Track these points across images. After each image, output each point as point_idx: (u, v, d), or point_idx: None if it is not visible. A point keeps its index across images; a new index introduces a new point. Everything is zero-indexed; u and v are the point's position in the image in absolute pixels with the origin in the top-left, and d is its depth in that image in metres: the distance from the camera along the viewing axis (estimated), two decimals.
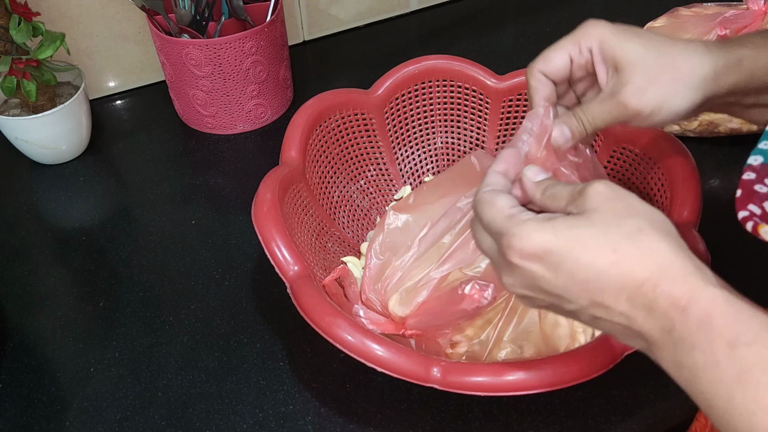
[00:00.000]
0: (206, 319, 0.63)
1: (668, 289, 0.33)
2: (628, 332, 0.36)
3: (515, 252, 0.36)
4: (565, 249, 0.35)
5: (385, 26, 1.00)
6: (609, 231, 0.35)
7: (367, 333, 0.48)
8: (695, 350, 0.32)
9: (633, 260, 0.34)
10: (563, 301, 0.37)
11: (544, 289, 0.37)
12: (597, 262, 0.34)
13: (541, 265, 0.36)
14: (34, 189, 0.78)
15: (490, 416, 0.54)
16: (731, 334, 0.31)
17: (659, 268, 0.34)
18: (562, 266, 0.35)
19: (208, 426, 0.55)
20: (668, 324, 0.33)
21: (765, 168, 0.38)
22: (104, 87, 0.88)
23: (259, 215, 0.54)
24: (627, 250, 0.34)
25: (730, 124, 0.74)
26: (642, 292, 0.34)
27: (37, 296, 0.66)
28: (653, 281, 0.33)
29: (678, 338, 0.33)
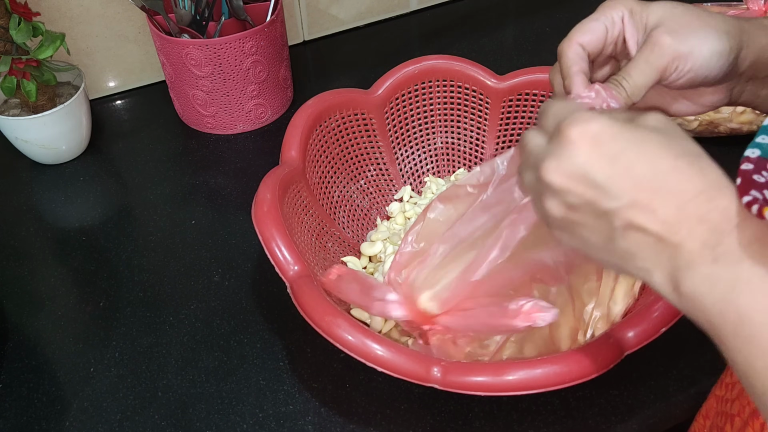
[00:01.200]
0: (206, 319, 0.63)
1: (724, 205, 0.33)
2: (659, 248, 0.34)
3: (576, 129, 0.35)
4: (630, 141, 0.34)
5: (385, 26, 1.00)
6: (673, 143, 0.34)
7: (367, 333, 0.48)
8: (742, 263, 0.32)
9: (693, 171, 0.33)
10: (603, 196, 0.34)
11: (589, 178, 0.35)
12: (658, 163, 0.34)
13: (599, 149, 0.34)
14: (34, 189, 0.78)
15: (490, 416, 0.55)
16: None
17: (718, 186, 0.33)
18: (621, 155, 0.34)
19: (208, 426, 0.55)
20: (715, 238, 0.32)
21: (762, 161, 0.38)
22: (104, 87, 0.88)
23: (259, 215, 0.54)
24: (689, 162, 0.34)
25: (730, 124, 0.74)
26: (697, 201, 0.33)
27: (37, 296, 0.66)
28: (710, 194, 0.33)
29: (723, 252, 0.32)
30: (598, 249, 0.37)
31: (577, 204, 0.36)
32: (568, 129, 0.35)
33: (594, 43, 0.44)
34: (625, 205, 0.34)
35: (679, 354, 0.57)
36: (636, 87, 0.43)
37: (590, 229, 0.36)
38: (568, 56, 0.44)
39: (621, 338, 0.48)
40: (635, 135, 0.34)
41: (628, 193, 0.34)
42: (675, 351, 0.56)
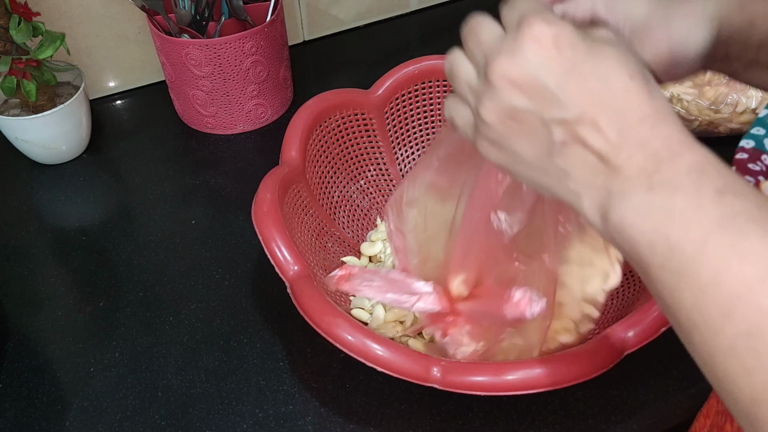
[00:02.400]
0: (206, 319, 0.63)
1: (667, 132, 0.32)
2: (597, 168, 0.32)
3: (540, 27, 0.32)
4: (589, 53, 0.32)
5: (385, 26, 1.00)
6: (628, 61, 0.33)
7: (367, 333, 0.48)
8: (678, 192, 0.30)
9: (643, 94, 0.32)
10: (554, 104, 0.32)
11: (541, 82, 0.32)
12: (611, 79, 0.32)
13: (557, 54, 0.32)
14: (34, 189, 0.78)
15: (490, 416, 0.55)
16: (721, 182, 0.30)
17: (663, 113, 0.32)
18: (576, 66, 0.32)
19: (208, 426, 0.55)
20: (653, 165, 0.31)
21: (756, 152, 0.38)
22: (104, 87, 0.88)
23: (259, 215, 0.54)
24: (640, 84, 0.32)
25: (730, 124, 0.74)
26: (641, 126, 0.32)
27: (37, 296, 0.66)
28: (654, 120, 0.32)
29: (660, 181, 0.31)
30: (529, 165, 0.35)
31: (521, 109, 0.33)
32: (533, 25, 0.33)
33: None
34: (571, 117, 0.32)
35: (679, 354, 0.56)
36: None
37: (526, 141, 0.34)
38: None
39: (621, 338, 0.49)
40: (594, 47, 0.33)
41: (577, 106, 0.32)
42: (675, 351, 0.56)
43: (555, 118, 0.33)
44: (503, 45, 0.34)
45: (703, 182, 0.30)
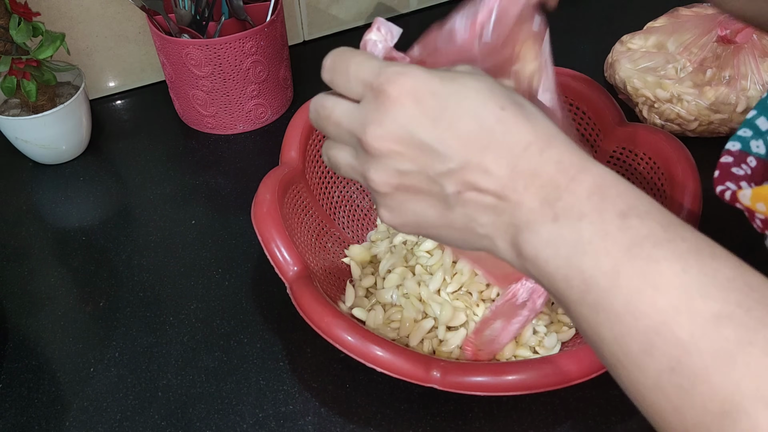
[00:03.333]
0: (206, 319, 0.63)
1: (557, 156, 0.30)
2: (499, 209, 0.31)
3: (395, 87, 0.31)
4: (451, 93, 0.31)
5: None
6: (494, 91, 0.31)
7: (367, 333, 0.48)
8: (583, 221, 0.29)
9: (520, 121, 0.30)
10: (436, 158, 0.31)
11: (418, 139, 0.31)
12: (482, 116, 0.31)
13: (421, 107, 0.31)
14: (34, 189, 0.78)
15: (490, 416, 0.55)
16: (624, 204, 0.29)
17: (547, 136, 0.31)
18: (444, 113, 0.31)
19: (208, 426, 0.55)
20: (553, 193, 0.30)
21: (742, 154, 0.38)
22: (104, 87, 0.88)
23: (258, 215, 0.54)
24: (514, 111, 0.31)
25: (731, 124, 0.74)
26: (528, 154, 0.30)
27: (37, 296, 0.66)
28: (541, 145, 0.30)
29: (563, 209, 0.29)
30: (434, 224, 0.33)
31: (407, 171, 0.32)
32: (387, 87, 0.31)
33: None
34: (456, 166, 0.31)
35: None
36: None
37: (423, 201, 0.33)
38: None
39: None
40: (454, 87, 0.31)
41: (457, 153, 0.31)
42: None
43: (441, 171, 0.31)
44: (366, 116, 0.32)
45: (605, 207, 0.29)
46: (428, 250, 0.62)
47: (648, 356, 0.27)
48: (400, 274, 0.61)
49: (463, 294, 0.59)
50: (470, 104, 0.31)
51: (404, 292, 0.59)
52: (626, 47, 0.82)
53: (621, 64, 0.80)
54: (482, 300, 0.59)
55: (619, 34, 0.84)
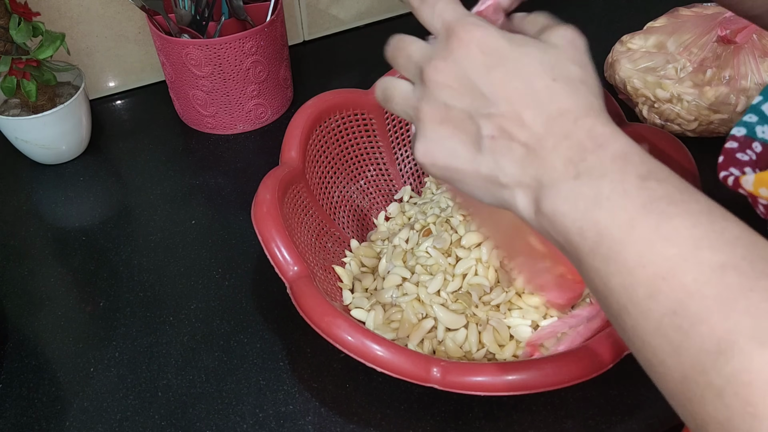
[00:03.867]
0: (206, 319, 0.63)
1: (590, 125, 0.33)
2: (526, 161, 0.34)
3: (467, 33, 0.35)
4: (514, 54, 0.35)
5: (385, 26, 1.00)
6: (557, 64, 0.35)
7: (366, 333, 0.48)
8: (604, 179, 0.32)
9: (565, 93, 0.34)
10: (481, 101, 0.35)
11: (473, 83, 0.35)
12: (535, 80, 0.34)
13: (483, 57, 0.35)
14: (34, 189, 0.78)
15: (490, 416, 0.55)
16: (645, 169, 0.31)
17: (586, 108, 0.34)
18: (502, 66, 0.35)
19: (208, 426, 0.55)
20: (578, 155, 0.33)
21: (747, 140, 0.39)
22: (104, 87, 0.88)
23: (258, 215, 0.54)
24: (563, 84, 0.34)
25: (731, 123, 0.74)
26: (562, 119, 0.34)
27: (37, 296, 0.66)
28: (576, 114, 0.34)
29: (586, 168, 0.32)
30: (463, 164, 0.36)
31: (456, 106, 0.36)
32: (461, 31, 0.35)
33: None
34: (497, 112, 0.34)
35: None
36: None
37: (461, 138, 0.36)
38: None
39: (621, 338, 0.48)
40: (519, 51, 0.35)
41: (502, 102, 0.34)
42: None
43: (482, 113, 0.35)
44: (435, 51, 0.37)
45: (627, 169, 0.31)
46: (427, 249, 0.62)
47: (653, 300, 0.29)
48: (400, 274, 0.61)
49: (463, 294, 0.59)
50: (527, 69, 0.34)
51: (404, 293, 0.59)
52: (626, 47, 0.82)
53: (621, 64, 0.80)
54: (482, 302, 0.59)
55: (619, 34, 0.84)
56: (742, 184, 0.35)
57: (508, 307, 0.58)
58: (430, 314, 0.58)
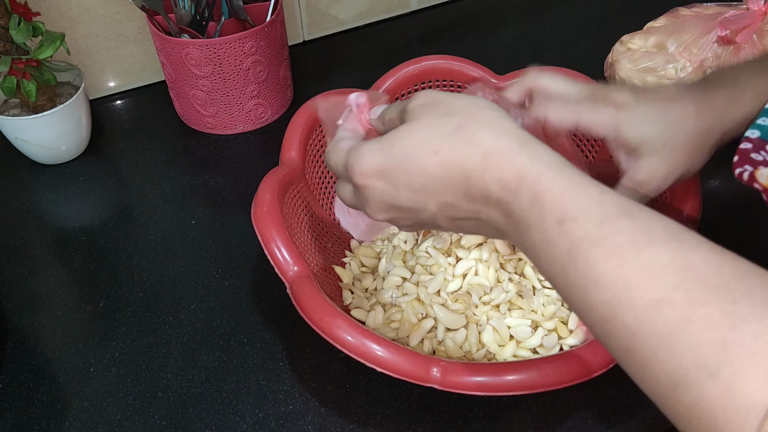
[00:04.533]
0: (206, 319, 0.63)
1: (497, 174, 0.34)
2: (484, 225, 0.36)
3: (357, 175, 0.38)
4: (395, 162, 0.36)
5: (385, 26, 1.00)
6: (430, 135, 0.36)
7: (366, 333, 0.48)
8: (532, 229, 0.33)
9: (456, 155, 0.35)
10: (417, 213, 0.38)
11: (396, 205, 0.38)
12: (425, 167, 0.35)
13: (382, 182, 0.37)
14: (34, 189, 0.78)
15: (490, 416, 0.55)
16: (560, 209, 0.32)
17: (483, 155, 0.34)
18: (398, 180, 0.36)
19: (208, 426, 0.55)
20: (506, 208, 0.34)
21: (762, 142, 0.39)
22: (104, 87, 0.88)
23: (258, 215, 0.54)
24: (449, 147, 0.35)
25: None
26: (473, 182, 0.34)
27: (37, 296, 0.66)
28: (480, 169, 0.34)
29: (516, 220, 0.34)
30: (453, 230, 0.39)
31: (409, 224, 0.39)
32: (355, 178, 0.38)
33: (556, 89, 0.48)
34: (436, 211, 0.37)
35: None
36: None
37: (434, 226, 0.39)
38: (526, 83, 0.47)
39: None
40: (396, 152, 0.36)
41: (428, 202, 0.36)
42: None
43: (428, 217, 0.38)
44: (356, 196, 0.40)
45: (545, 215, 0.32)
46: (427, 249, 0.62)
47: (609, 338, 0.31)
48: (400, 274, 0.61)
49: (463, 294, 0.59)
50: (412, 163, 0.36)
51: (404, 293, 0.59)
52: (626, 47, 0.82)
53: (621, 64, 0.80)
54: (482, 302, 0.59)
55: (619, 34, 0.84)
56: (757, 178, 0.35)
57: (508, 307, 0.58)
58: (430, 314, 0.58)
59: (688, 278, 0.28)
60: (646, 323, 0.28)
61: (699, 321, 0.27)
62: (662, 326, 0.28)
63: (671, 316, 0.28)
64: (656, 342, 0.28)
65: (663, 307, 0.28)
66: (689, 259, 0.29)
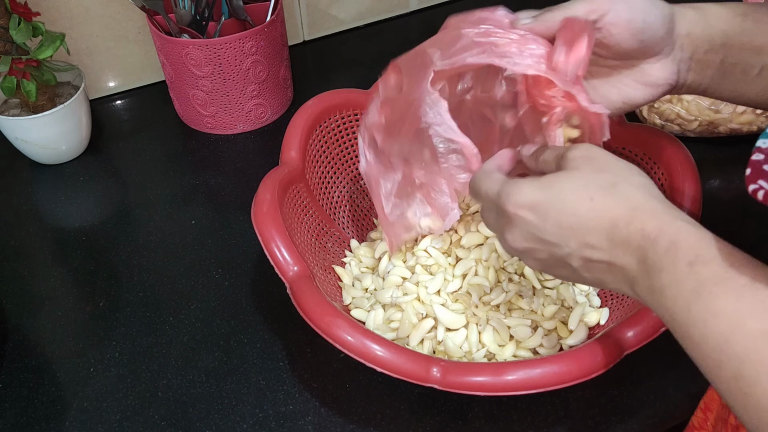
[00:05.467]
0: (206, 319, 0.63)
1: (640, 225, 0.38)
2: (613, 271, 0.40)
3: (511, 204, 0.42)
4: (551, 199, 0.41)
5: (385, 26, 1.00)
6: (587, 183, 0.40)
7: (366, 333, 0.48)
8: (663, 272, 0.37)
9: (608, 205, 0.39)
10: (556, 247, 0.41)
11: (539, 237, 0.42)
12: (578, 209, 0.40)
13: (533, 214, 0.41)
14: (34, 189, 0.78)
15: (490, 416, 0.55)
16: (692, 254, 0.36)
17: (631, 209, 0.39)
18: (549, 215, 0.41)
19: (208, 426, 0.55)
20: (642, 254, 0.38)
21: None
22: (104, 87, 0.88)
23: (258, 215, 0.54)
24: (603, 198, 0.39)
25: (731, 124, 0.74)
26: (617, 230, 0.39)
27: (37, 296, 0.66)
28: (626, 220, 0.39)
29: (650, 265, 0.38)
30: (575, 279, 0.43)
31: (544, 258, 0.43)
32: (506, 205, 0.42)
33: None
34: (575, 249, 0.41)
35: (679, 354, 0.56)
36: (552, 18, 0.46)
37: (562, 270, 0.43)
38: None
39: (621, 338, 0.49)
40: (553, 192, 0.41)
41: (571, 239, 0.40)
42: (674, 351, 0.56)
43: (564, 254, 0.41)
44: (502, 227, 0.44)
45: (677, 259, 0.36)
46: (427, 249, 0.62)
47: (719, 369, 0.34)
48: (400, 274, 0.61)
49: (463, 294, 0.59)
50: (567, 205, 0.40)
51: (404, 293, 0.59)
52: None
53: None
54: (482, 302, 0.59)
55: None
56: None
57: (508, 308, 0.58)
58: (430, 314, 0.58)
59: None
60: (755, 351, 0.32)
61: None
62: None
63: None
64: (762, 369, 0.32)
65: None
66: None
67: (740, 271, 0.35)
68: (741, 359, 0.33)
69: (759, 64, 0.48)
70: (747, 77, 0.49)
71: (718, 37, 0.47)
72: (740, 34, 0.47)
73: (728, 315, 0.34)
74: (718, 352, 0.34)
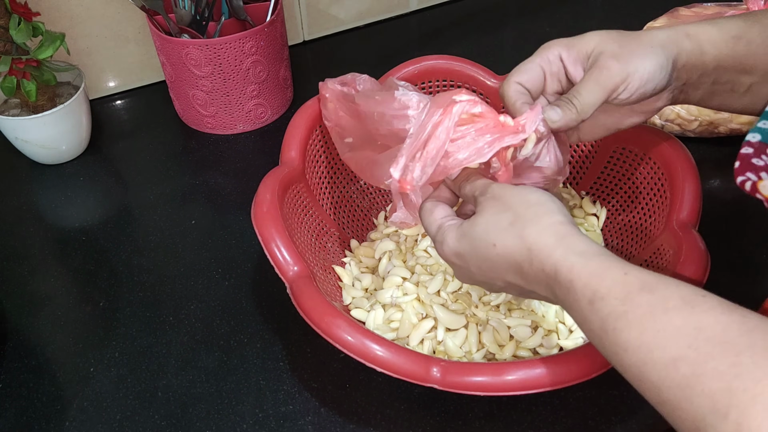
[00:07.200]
0: (206, 319, 0.63)
1: (539, 266, 0.41)
2: (545, 298, 0.43)
3: (442, 251, 0.47)
4: (467, 248, 0.45)
5: (385, 26, 1.00)
6: (489, 229, 0.44)
7: (366, 333, 0.48)
8: (571, 310, 0.40)
9: (507, 249, 0.43)
10: (491, 286, 0.46)
11: (473, 279, 0.47)
12: (488, 255, 0.43)
13: (460, 260, 0.46)
14: (34, 189, 0.78)
15: (490, 416, 0.55)
16: (589, 292, 0.38)
17: (527, 250, 0.42)
18: (471, 262, 0.45)
19: (208, 426, 0.55)
20: (552, 291, 0.41)
21: (762, 146, 0.39)
22: (104, 87, 0.88)
23: (258, 215, 0.54)
24: (502, 241, 0.43)
25: (731, 124, 0.74)
26: (524, 270, 0.42)
27: (37, 296, 0.66)
28: (527, 260, 0.42)
29: (561, 301, 0.41)
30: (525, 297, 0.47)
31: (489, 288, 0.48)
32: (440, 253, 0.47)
33: (532, 81, 0.51)
34: (504, 285, 0.45)
35: None
36: (585, 105, 0.48)
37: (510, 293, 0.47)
38: (509, 94, 0.50)
39: None
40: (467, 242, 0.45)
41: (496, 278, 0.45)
42: None
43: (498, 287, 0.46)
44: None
45: (578, 298, 0.39)
46: (427, 249, 0.62)
47: (644, 394, 0.36)
48: (400, 274, 0.61)
49: (463, 294, 0.59)
50: (479, 251, 0.44)
51: (404, 293, 0.59)
52: None
53: None
54: (482, 303, 0.59)
55: None
56: (759, 189, 0.36)
57: (508, 308, 0.58)
58: (430, 314, 0.58)
59: (699, 338, 0.33)
60: (668, 379, 0.34)
61: (709, 373, 0.32)
62: (681, 380, 0.33)
63: (687, 371, 0.33)
64: (678, 393, 0.33)
65: (679, 364, 0.33)
66: (701, 321, 0.34)
67: (636, 302, 0.36)
68: (657, 388, 0.34)
69: (747, 82, 0.50)
70: (735, 94, 0.51)
71: (711, 63, 0.49)
72: (732, 57, 0.49)
73: (635, 349, 0.35)
74: (638, 381, 0.36)
